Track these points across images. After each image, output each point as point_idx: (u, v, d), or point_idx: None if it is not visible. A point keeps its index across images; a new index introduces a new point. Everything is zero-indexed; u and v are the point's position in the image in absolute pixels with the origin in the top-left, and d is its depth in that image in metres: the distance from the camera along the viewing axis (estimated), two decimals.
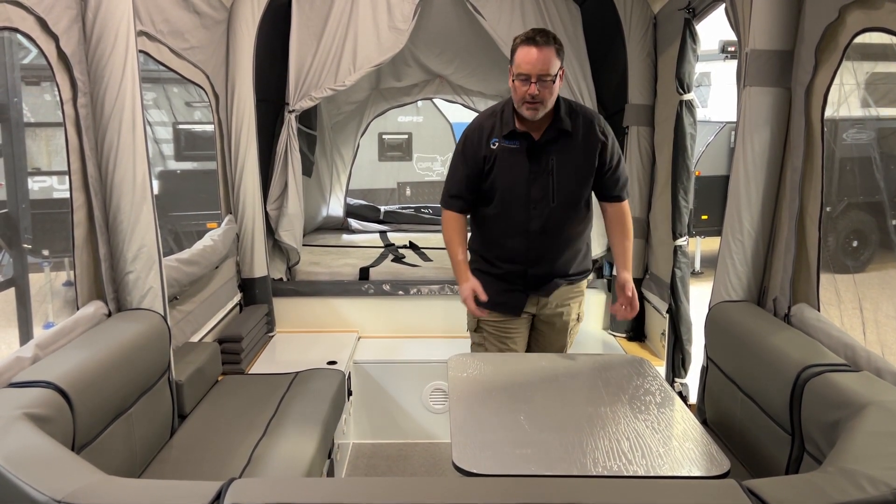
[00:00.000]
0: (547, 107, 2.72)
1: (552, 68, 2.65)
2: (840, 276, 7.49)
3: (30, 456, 1.62)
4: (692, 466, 1.93)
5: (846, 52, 2.35)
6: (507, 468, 1.90)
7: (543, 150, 2.82)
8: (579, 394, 2.41)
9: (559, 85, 2.73)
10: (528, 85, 2.65)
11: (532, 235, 2.88)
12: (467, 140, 2.89)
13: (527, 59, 2.64)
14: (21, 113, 4.21)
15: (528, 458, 1.94)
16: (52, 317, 6.06)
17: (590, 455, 1.94)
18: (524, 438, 2.05)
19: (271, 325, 4.28)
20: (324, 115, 5.85)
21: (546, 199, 2.83)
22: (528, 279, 2.94)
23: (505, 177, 2.84)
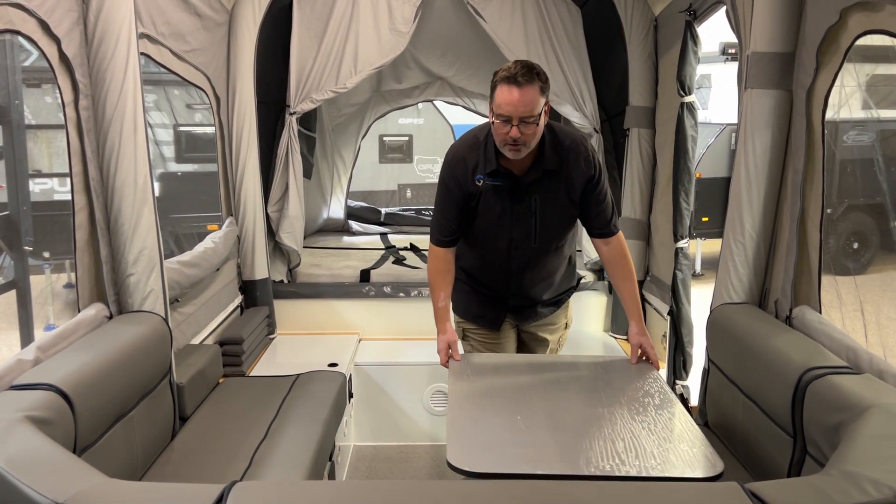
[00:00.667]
0: (530, 147, 2.50)
1: (536, 108, 2.41)
2: (841, 278, 7.49)
3: (31, 458, 1.62)
4: (685, 468, 1.93)
5: (847, 54, 2.35)
6: (500, 467, 1.90)
7: (527, 191, 2.63)
8: (578, 395, 2.41)
9: (544, 121, 2.52)
10: (510, 127, 2.42)
11: (513, 272, 2.81)
12: (454, 175, 2.67)
13: (508, 100, 2.40)
14: (22, 115, 4.21)
15: (522, 457, 1.94)
16: (53, 319, 6.06)
17: (583, 455, 1.94)
18: (520, 438, 2.05)
19: (272, 328, 4.28)
20: (325, 117, 5.85)
21: (528, 240, 2.71)
22: (508, 307, 2.92)
23: (487, 216, 2.69)
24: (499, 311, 2.93)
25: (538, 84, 2.42)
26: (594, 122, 4.25)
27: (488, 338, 2.98)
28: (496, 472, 1.89)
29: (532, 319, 2.97)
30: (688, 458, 1.97)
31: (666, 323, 3.69)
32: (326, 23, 4.09)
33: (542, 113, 2.47)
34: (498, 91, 2.44)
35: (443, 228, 2.76)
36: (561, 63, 4.13)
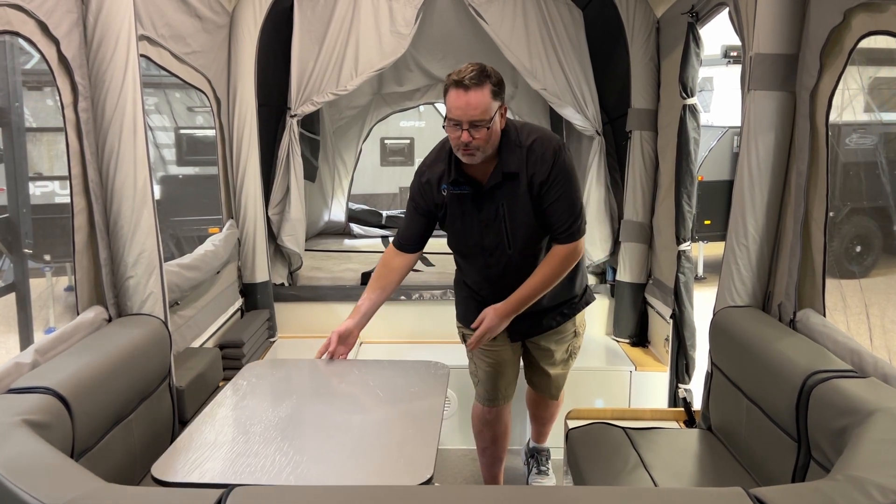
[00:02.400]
0: (486, 151, 2.46)
1: (486, 112, 2.37)
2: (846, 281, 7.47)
3: (28, 463, 1.60)
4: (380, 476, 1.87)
5: (851, 55, 2.33)
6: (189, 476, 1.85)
7: (491, 196, 2.58)
8: (359, 402, 2.36)
9: (501, 124, 2.48)
10: (460, 131, 2.39)
11: (493, 280, 2.76)
12: (420, 183, 2.70)
13: (457, 104, 2.37)
14: (22, 117, 4.21)
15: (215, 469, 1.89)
16: (53, 322, 6.05)
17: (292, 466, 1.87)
18: (244, 449, 1.98)
19: (273, 331, 4.27)
20: (326, 119, 5.85)
21: (501, 246, 2.65)
22: None
23: (456, 225, 2.67)
24: None
25: (489, 87, 2.38)
26: (596, 124, 4.23)
27: (487, 345, 2.93)
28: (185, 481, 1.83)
29: (532, 332, 2.92)
30: (395, 466, 1.92)
31: (668, 326, 3.67)
32: (327, 25, 4.08)
33: (497, 116, 2.44)
34: (448, 95, 2.42)
35: (403, 232, 2.79)
36: (563, 65, 4.12)
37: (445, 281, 4.38)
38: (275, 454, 1.93)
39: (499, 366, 2.97)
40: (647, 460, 2.60)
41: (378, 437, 2.06)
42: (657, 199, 4.05)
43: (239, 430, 2.09)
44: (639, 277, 4.20)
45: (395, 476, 1.85)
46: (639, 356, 4.07)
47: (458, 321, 3.05)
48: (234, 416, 2.19)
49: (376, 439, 2.04)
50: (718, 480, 2.48)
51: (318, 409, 2.33)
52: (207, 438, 2.04)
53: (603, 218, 4.33)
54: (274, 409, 2.24)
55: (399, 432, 2.10)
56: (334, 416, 2.24)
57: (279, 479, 1.80)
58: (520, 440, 3.81)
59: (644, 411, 3.26)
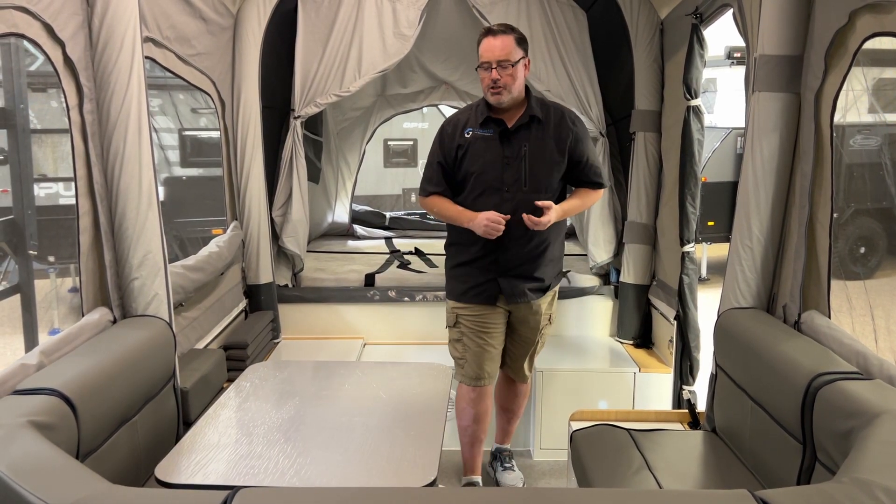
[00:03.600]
0: (512, 92, 2.87)
1: (512, 55, 2.82)
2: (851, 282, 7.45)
3: (34, 464, 1.61)
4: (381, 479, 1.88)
5: (856, 56, 2.33)
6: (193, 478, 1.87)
7: (515, 136, 2.94)
8: (362, 406, 2.36)
9: (524, 73, 2.91)
10: (490, 71, 2.82)
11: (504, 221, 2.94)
12: (443, 132, 3.05)
13: (487, 47, 2.83)
14: (27, 119, 4.22)
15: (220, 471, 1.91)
16: (57, 323, 6.06)
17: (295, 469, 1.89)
18: (247, 451, 2.00)
19: (276, 332, 4.27)
20: (329, 121, 5.85)
21: (518, 183, 2.94)
22: (500, 269, 3.02)
23: (478, 162, 2.96)
24: (492, 284, 3.04)
25: (514, 35, 2.86)
26: (600, 125, 4.23)
27: (479, 324, 3.08)
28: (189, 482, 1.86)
29: (520, 297, 3.06)
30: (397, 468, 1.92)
31: (672, 328, 3.67)
32: (331, 27, 4.08)
33: (521, 64, 2.88)
34: (481, 44, 2.87)
35: (430, 179, 3.07)
36: (566, 66, 4.12)
37: None
38: (278, 456, 1.93)
39: (487, 344, 3.12)
40: (652, 462, 2.60)
41: (382, 439, 2.06)
42: (661, 201, 4.04)
43: (242, 432, 2.09)
44: (642, 279, 4.19)
45: (399, 478, 1.86)
46: (643, 358, 4.06)
47: (452, 300, 3.14)
48: (238, 418, 2.19)
49: (380, 441, 2.04)
50: (723, 482, 2.48)
51: (321, 410, 2.33)
52: (211, 440, 2.04)
53: (607, 219, 4.33)
54: (277, 410, 2.24)
55: (402, 434, 2.10)
56: (337, 417, 2.24)
57: (282, 482, 1.81)
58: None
59: (648, 413, 3.26)
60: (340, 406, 2.37)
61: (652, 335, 4.23)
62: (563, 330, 4.43)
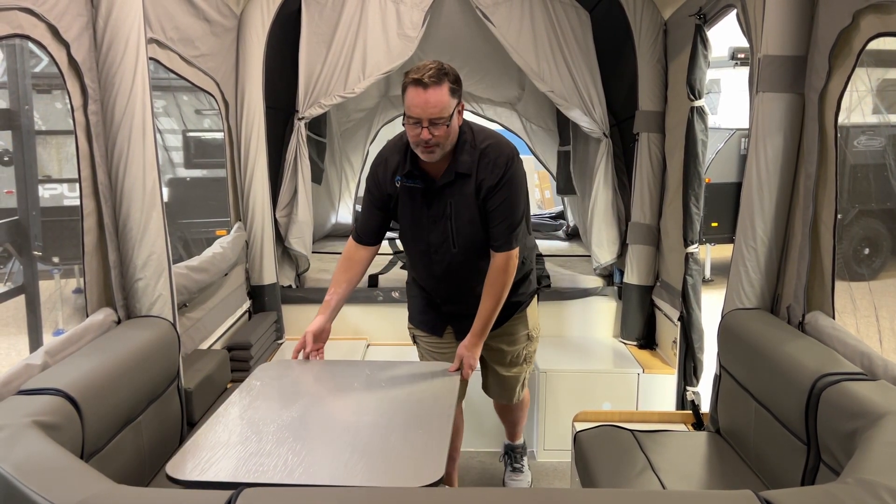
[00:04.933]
0: (445, 148, 2.49)
1: (445, 110, 2.40)
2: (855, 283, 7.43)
3: (38, 464, 1.61)
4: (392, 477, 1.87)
5: (860, 57, 2.33)
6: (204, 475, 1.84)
7: (441, 194, 2.61)
8: (373, 403, 2.35)
9: (458, 122, 2.52)
10: (420, 129, 2.41)
11: (437, 277, 2.78)
12: (373, 174, 2.73)
13: (416, 101, 2.39)
14: (32, 120, 4.23)
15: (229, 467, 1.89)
16: (62, 324, 6.07)
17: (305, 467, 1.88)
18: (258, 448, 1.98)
19: (280, 333, 4.27)
20: (333, 122, 5.85)
21: (446, 244, 2.67)
22: (444, 315, 2.89)
23: (406, 219, 2.70)
24: (438, 319, 2.92)
25: (447, 85, 2.42)
26: (603, 126, 4.23)
27: (434, 344, 2.97)
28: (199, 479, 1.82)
29: None
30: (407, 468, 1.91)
31: (676, 329, 3.66)
32: (335, 28, 4.09)
33: (455, 114, 2.47)
34: (407, 93, 2.43)
35: (360, 224, 2.81)
36: (570, 67, 4.12)
37: None
38: (287, 454, 1.93)
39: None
40: (656, 463, 2.59)
41: (389, 438, 2.06)
42: (665, 201, 4.04)
43: (251, 430, 2.10)
44: (646, 280, 4.19)
45: (405, 478, 1.85)
46: (646, 358, 4.06)
47: (409, 321, 3.07)
48: (247, 417, 2.20)
49: (387, 440, 2.04)
50: (727, 483, 2.48)
51: (329, 409, 2.33)
52: (220, 438, 2.05)
53: (610, 220, 4.33)
54: (286, 409, 2.25)
55: (411, 433, 2.10)
56: (346, 416, 2.25)
57: (291, 479, 1.81)
58: (497, 443, 3.80)
59: (652, 414, 3.26)
60: (349, 405, 2.37)
61: (656, 336, 4.23)
62: (566, 331, 4.42)
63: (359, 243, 2.82)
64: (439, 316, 2.92)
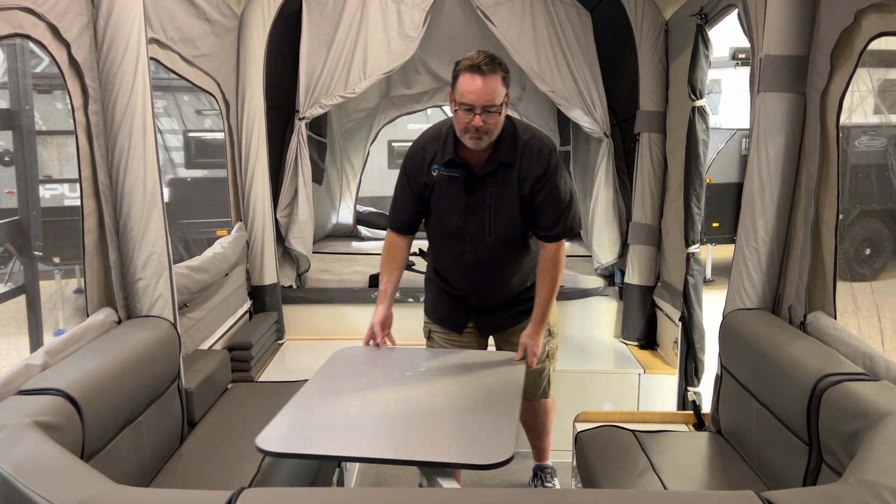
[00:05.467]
0: (492, 136, 2.54)
1: (497, 98, 2.45)
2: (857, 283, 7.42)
3: (39, 464, 1.61)
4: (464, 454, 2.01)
5: (861, 57, 2.32)
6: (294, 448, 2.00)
7: (482, 182, 2.65)
8: (432, 388, 2.45)
9: (504, 113, 2.56)
10: (472, 116, 2.45)
11: (468, 267, 2.79)
12: (410, 162, 2.74)
13: (471, 88, 2.43)
14: (32, 120, 4.23)
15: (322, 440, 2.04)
16: (62, 324, 6.08)
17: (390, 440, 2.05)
18: (338, 423, 2.12)
19: (281, 333, 4.27)
20: (334, 122, 5.85)
21: (482, 233, 2.70)
22: (468, 308, 2.91)
23: (441, 207, 2.72)
24: (461, 314, 2.93)
25: (500, 74, 2.47)
26: (604, 126, 4.23)
27: (452, 341, 2.97)
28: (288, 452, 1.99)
29: (497, 329, 2.96)
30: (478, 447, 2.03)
31: (677, 329, 3.66)
32: (336, 28, 4.09)
33: (504, 105, 2.52)
34: (461, 80, 2.48)
35: (396, 214, 2.84)
36: (571, 67, 4.12)
37: None
38: (372, 430, 2.07)
39: None
40: (657, 463, 2.59)
41: (463, 419, 2.19)
42: (666, 202, 4.03)
43: (335, 408, 2.22)
44: (647, 280, 4.18)
45: (479, 455, 1.95)
46: (647, 359, 4.05)
47: (426, 315, 3.07)
48: (331, 396, 2.33)
49: (461, 421, 2.18)
50: (728, 484, 2.47)
51: (404, 391, 2.42)
52: (307, 415, 2.18)
53: (611, 220, 4.32)
54: (365, 390, 2.38)
55: (481, 415, 2.20)
56: (421, 398, 2.35)
57: (381, 453, 1.99)
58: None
59: (653, 414, 3.25)
60: (422, 388, 2.45)
61: (657, 336, 4.22)
62: (567, 331, 4.42)
63: (399, 234, 2.86)
64: (462, 311, 2.93)
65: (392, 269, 2.85)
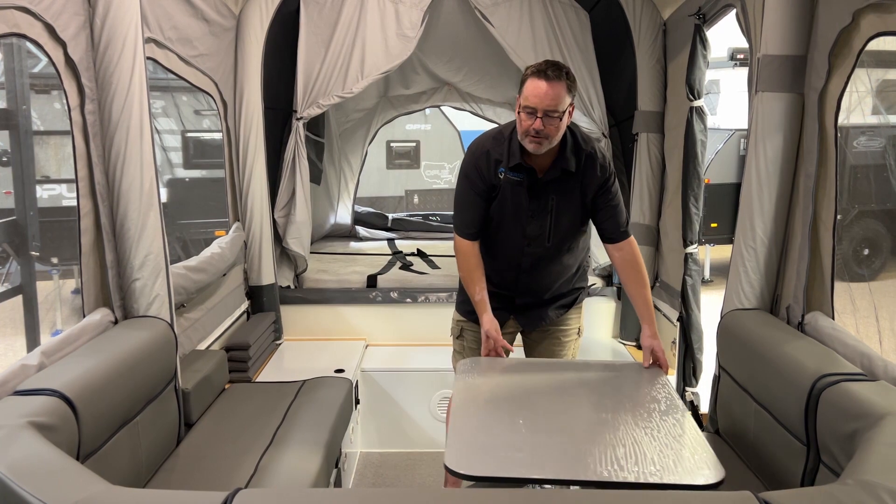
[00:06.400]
0: (552, 142, 2.57)
1: (561, 104, 2.50)
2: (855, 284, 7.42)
3: (34, 465, 1.60)
4: (685, 474, 1.89)
5: (860, 56, 2.32)
6: (496, 471, 1.88)
7: (545, 189, 2.69)
8: (584, 399, 2.38)
9: (567, 121, 2.58)
10: (534, 119, 2.50)
11: (523, 269, 2.83)
12: (474, 165, 2.74)
13: (535, 92, 2.49)
14: (30, 120, 4.23)
15: (520, 461, 1.93)
16: (60, 324, 6.06)
17: (581, 460, 1.92)
18: (519, 441, 2.03)
19: (278, 333, 4.27)
20: (332, 122, 5.85)
21: (541, 238, 2.75)
22: (515, 307, 2.92)
23: (504, 210, 2.74)
24: (503, 311, 2.91)
25: (566, 82, 2.51)
26: (602, 126, 4.22)
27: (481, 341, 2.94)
28: (493, 475, 1.87)
29: (539, 322, 2.95)
30: (689, 466, 1.94)
31: (675, 329, 3.66)
32: (334, 28, 4.08)
33: (567, 112, 2.55)
34: (527, 84, 2.53)
35: (467, 220, 2.80)
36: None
37: (451, 284, 4.37)
38: (563, 448, 1.99)
39: None
40: None
41: (640, 433, 2.09)
42: (664, 202, 4.03)
43: (504, 425, 2.14)
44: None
45: (691, 475, 1.88)
46: None
47: (459, 314, 3.04)
48: (487, 411, 2.25)
49: (639, 435, 2.08)
50: (726, 484, 2.46)
51: (563, 405, 2.34)
52: (483, 433, 2.09)
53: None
54: (520, 404, 2.29)
55: (656, 429, 2.12)
56: (579, 411, 2.27)
57: (573, 475, 1.85)
58: None
59: None
60: (569, 399, 2.39)
61: None
62: None
63: (472, 240, 2.83)
64: (504, 308, 2.92)
65: (480, 278, 2.82)
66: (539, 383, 2.52)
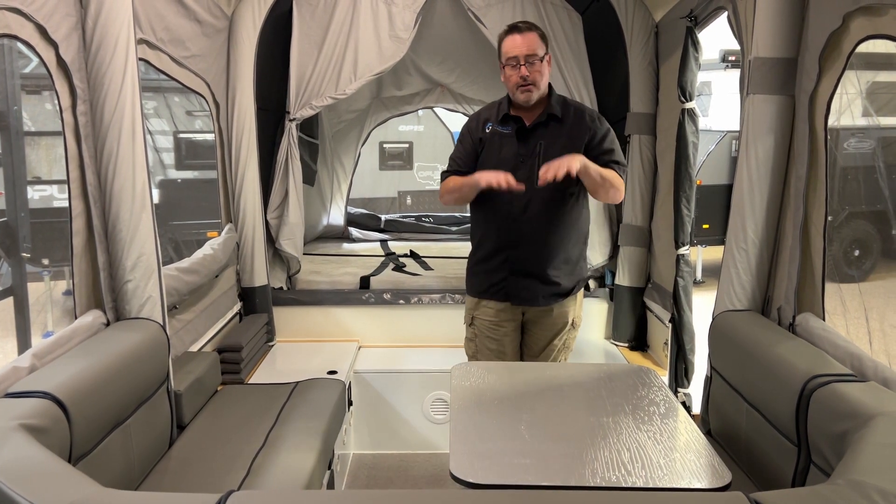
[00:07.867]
0: (540, 88, 2.88)
1: (538, 50, 2.83)
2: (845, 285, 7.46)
3: (25, 468, 1.60)
4: (692, 478, 1.90)
5: (850, 59, 2.33)
6: (504, 478, 1.88)
7: (532, 133, 2.94)
8: (582, 403, 2.39)
9: (548, 70, 2.90)
10: (518, 68, 2.82)
11: (514, 217, 2.94)
12: (467, 126, 3.09)
13: (513, 44, 2.83)
14: (21, 121, 4.21)
15: (527, 468, 1.92)
16: (51, 326, 6.04)
17: (588, 466, 1.92)
18: (523, 448, 2.03)
19: (271, 335, 4.26)
20: (325, 123, 5.84)
21: (530, 180, 2.87)
22: (513, 272, 3.00)
23: (494, 157, 2.95)
24: (507, 280, 3.02)
25: (537, 31, 2.87)
26: None
27: (492, 329, 3.06)
28: (499, 482, 1.86)
29: (531, 302, 3.03)
30: (694, 469, 1.95)
31: (667, 330, 3.67)
32: (326, 29, 4.08)
33: (546, 60, 2.89)
34: (504, 41, 2.88)
35: (450, 163, 3.09)
36: (562, 69, 4.13)
37: (444, 285, 4.38)
38: (568, 454, 1.98)
39: (502, 353, 3.09)
40: None
41: (641, 437, 2.09)
42: (656, 203, 4.04)
43: (506, 431, 2.14)
44: (638, 281, 4.19)
45: (699, 477, 1.90)
46: (638, 360, 4.06)
47: (470, 296, 3.14)
48: (486, 416, 2.25)
49: (641, 439, 2.08)
50: None
51: (561, 410, 2.35)
52: (486, 439, 2.09)
53: (602, 222, 4.33)
54: (519, 408, 2.29)
55: (655, 432, 2.13)
56: (579, 416, 2.27)
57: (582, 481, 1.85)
58: None
59: None
60: (564, 403, 2.40)
61: (647, 338, 4.23)
62: None
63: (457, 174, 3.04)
64: (508, 279, 3.02)
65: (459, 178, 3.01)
66: (534, 387, 2.52)
